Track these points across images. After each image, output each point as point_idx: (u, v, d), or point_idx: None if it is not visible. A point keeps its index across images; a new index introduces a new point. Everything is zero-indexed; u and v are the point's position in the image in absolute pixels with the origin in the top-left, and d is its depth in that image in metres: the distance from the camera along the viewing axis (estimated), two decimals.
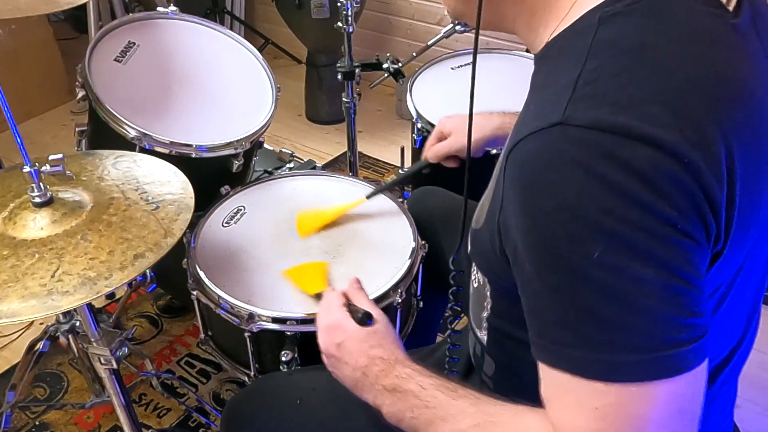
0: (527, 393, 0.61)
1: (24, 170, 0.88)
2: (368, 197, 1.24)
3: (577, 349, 0.54)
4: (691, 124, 0.52)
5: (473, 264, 0.79)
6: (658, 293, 0.51)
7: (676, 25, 0.57)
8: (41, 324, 1.65)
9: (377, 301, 1.05)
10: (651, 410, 0.52)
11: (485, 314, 0.77)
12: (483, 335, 0.80)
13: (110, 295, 1.78)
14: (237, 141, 1.33)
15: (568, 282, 0.53)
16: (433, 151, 1.19)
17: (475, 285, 0.80)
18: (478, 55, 1.83)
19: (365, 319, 0.81)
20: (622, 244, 0.51)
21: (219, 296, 1.06)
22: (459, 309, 0.84)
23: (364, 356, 0.76)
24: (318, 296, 1.05)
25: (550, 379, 0.57)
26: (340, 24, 1.52)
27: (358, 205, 1.24)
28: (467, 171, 0.74)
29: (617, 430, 0.53)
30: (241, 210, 1.26)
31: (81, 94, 1.29)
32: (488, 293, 0.75)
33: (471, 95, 0.69)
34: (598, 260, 0.51)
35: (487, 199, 0.70)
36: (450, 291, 0.82)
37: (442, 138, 1.20)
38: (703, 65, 0.56)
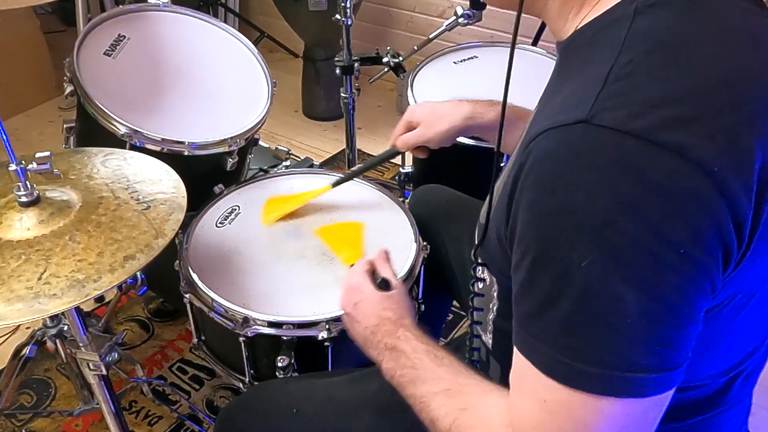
0: None
1: (10, 168, 0.88)
2: (334, 185, 1.26)
3: (542, 345, 0.56)
4: (723, 128, 0.52)
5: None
6: (633, 316, 0.52)
7: (713, 20, 0.57)
8: (28, 328, 1.65)
9: None
10: (595, 422, 0.55)
11: (491, 316, 0.78)
12: (488, 338, 0.80)
13: (99, 299, 1.78)
14: (231, 138, 1.33)
15: (551, 281, 0.55)
16: (402, 141, 1.17)
17: (480, 286, 0.80)
18: (481, 49, 1.83)
19: (383, 285, 0.93)
20: (614, 259, 0.52)
21: (212, 299, 1.06)
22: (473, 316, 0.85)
23: (375, 317, 0.86)
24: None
25: (517, 363, 0.60)
26: (338, 16, 1.52)
27: (324, 192, 1.25)
28: (495, 167, 0.75)
29: (560, 427, 0.56)
30: (235, 210, 1.26)
31: (69, 89, 1.29)
32: (495, 294, 0.75)
33: (507, 80, 0.69)
34: (585, 268, 0.52)
35: (499, 189, 0.71)
36: (470, 296, 0.84)
37: (410, 127, 1.17)
38: (739, 65, 0.56)
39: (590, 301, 0.53)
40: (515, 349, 0.60)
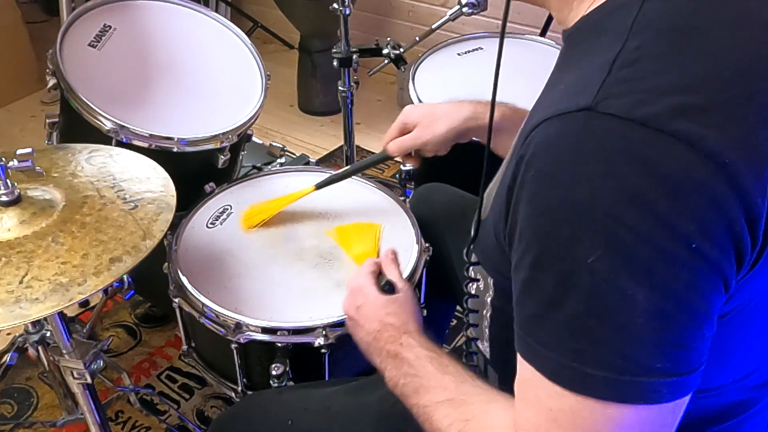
0: None
1: None
2: (318, 187, 1.22)
3: (546, 349, 0.56)
4: (736, 119, 0.52)
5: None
6: (644, 315, 0.52)
7: (727, 7, 0.58)
8: (8, 334, 1.65)
9: None
10: (604, 429, 0.54)
11: (485, 323, 0.78)
12: (485, 347, 0.80)
13: (84, 303, 1.78)
14: (223, 134, 1.33)
15: (557, 281, 0.55)
16: (396, 144, 1.11)
17: (473, 290, 0.80)
18: (487, 41, 1.83)
19: (387, 287, 0.92)
20: (621, 255, 0.51)
21: (203, 304, 1.07)
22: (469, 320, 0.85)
23: (377, 321, 0.85)
24: None
25: (521, 370, 0.59)
26: (335, 5, 1.52)
27: (307, 194, 1.22)
28: (486, 165, 0.74)
29: None
30: (227, 210, 1.26)
31: (52, 82, 1.29)
32: (488, 300, 0.75)
33: (495, 77, 0.69)
34: (591, 265, 0.52)
35: (496, 183, 0.71)
36: (464, 299, 0.83)
37: (405, 130, 1.12)
38: (754, 53, 0.56)
39: (598, 301, 0.53)
40: (518, 355, 0.60)
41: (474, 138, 1.08)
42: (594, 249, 0.52)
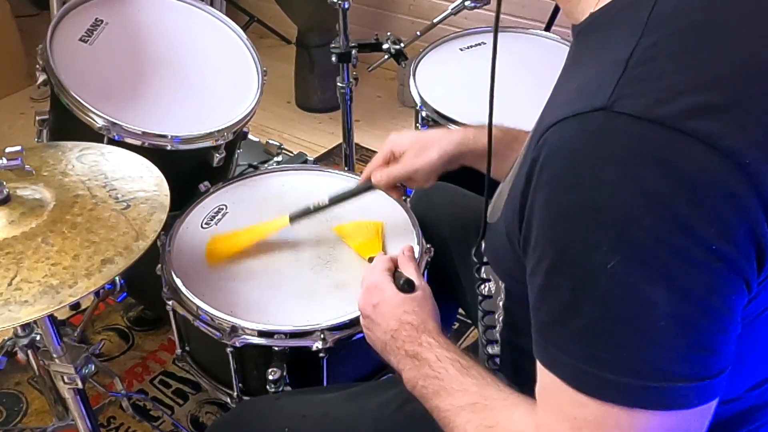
0: None
1: None
2: (292, 219, 1.16)
3: (568, 356, 0.56)
4: (756, 117, 0.53)
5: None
6: (665, 319, 0.52)
7: (745, 3, 0.58)
8: None
9: None
10: None
11: (498, 328, 0.78)
12: (496, 351, 0.80)
13: (75, 306, 1.78)
14: (218, 131, 1.33)
15: (574, 286, 0.55)
16: (385, 174, 1.08)
17: (485, 291, 0.80)
18: (490, 35, 1.83)
19: (406, 286, 0.90)
20: (641, 259, 0.52)
21: (197, 306, 1.06)
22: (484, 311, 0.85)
23: (395, 320, 0.84)
24: (371, 260, 1.08)
25: (542, 377, 0.60)
26: None
27: (280, 228, 1.17)
28: (488, 173, 0.74)
29: None
30: (222, 209, 1.26)
31: (42, 78, 1.29)
32: (500, 303, 0.75)
33: (492, 81, 0.69)
34: (611, 270, 0.52)
35: (507, 185, 0.71)
36: (478, 301, 0.83)
37: (390, 159, 1.09)
38: None
39: (617, 305, 0.53)
40: (538, 362, 0.60)
41: (465, 164, 1.04)
42: (613, 254, 0.52)
